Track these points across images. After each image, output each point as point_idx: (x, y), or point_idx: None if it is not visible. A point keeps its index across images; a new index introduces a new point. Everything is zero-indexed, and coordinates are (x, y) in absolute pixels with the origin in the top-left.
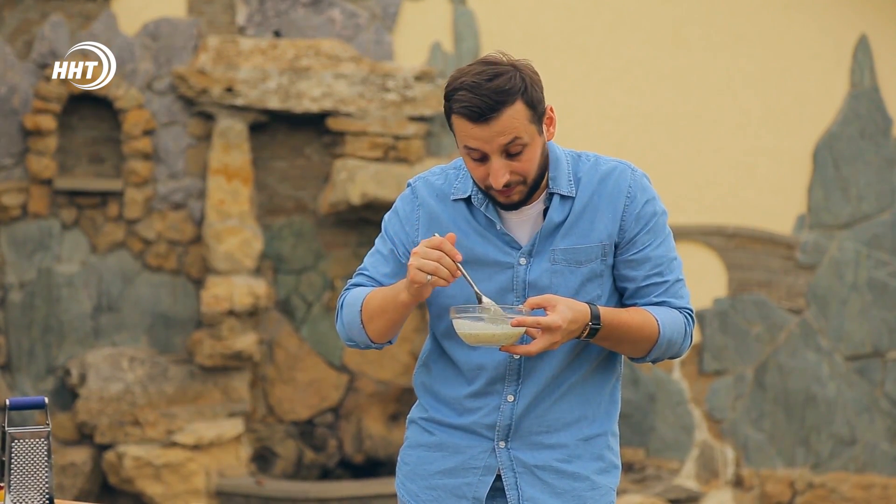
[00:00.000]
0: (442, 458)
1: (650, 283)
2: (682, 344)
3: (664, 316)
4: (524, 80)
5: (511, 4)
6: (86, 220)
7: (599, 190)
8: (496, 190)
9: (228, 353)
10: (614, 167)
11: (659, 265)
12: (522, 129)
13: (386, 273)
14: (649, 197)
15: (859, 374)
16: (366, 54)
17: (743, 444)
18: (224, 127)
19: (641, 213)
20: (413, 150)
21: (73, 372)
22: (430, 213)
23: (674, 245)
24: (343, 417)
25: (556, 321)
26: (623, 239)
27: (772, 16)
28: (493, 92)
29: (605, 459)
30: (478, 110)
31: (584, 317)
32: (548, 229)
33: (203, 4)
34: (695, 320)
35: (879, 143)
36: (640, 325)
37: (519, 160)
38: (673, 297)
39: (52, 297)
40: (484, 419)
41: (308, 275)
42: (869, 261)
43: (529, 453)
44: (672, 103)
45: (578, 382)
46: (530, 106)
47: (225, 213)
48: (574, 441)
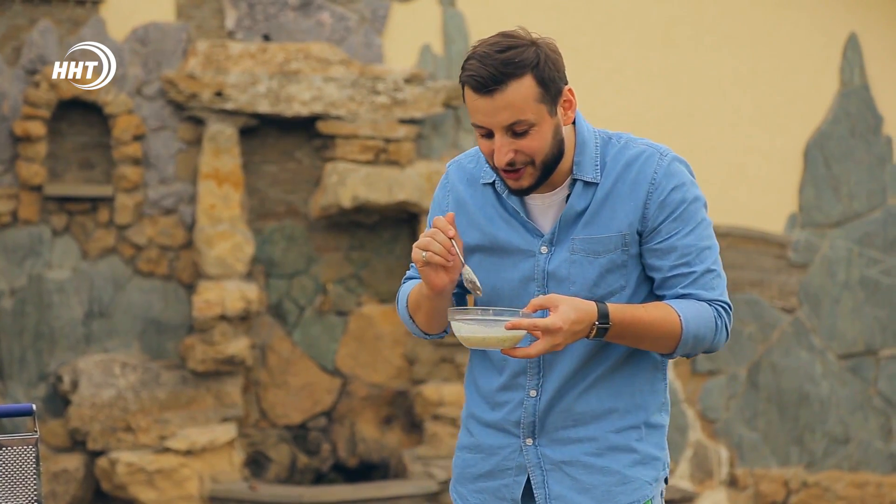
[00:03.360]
0: (481, 460)
1: (676, 274)
2: (714, 339)
3: (689, 310)
4: (538, 55)
5: (501, 6)
6: (76, 226)
7: (623, 176)
8: (503, 172)
9: (220, 358)
10: (641, 152)
11: (686, 255)
12: (528, 107)
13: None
14: (677, 183)
15: (852, 372)
16: (355, 57)
17: (737, 443)
18: (214, 131)
19: (667, 201)
20: (404, 153)
21: (65, 378)
22: (458, 197)
23: (709, 234)
24: (336, 421)
25: (555, 323)
26: (647, 227)
27: (762, 15)
28: (501, 63)
29: (638, 451)
30: (482, 80)
31: (589, 316)
32: (568, 217)
33: (192, 9)
34: (730, 312)
35: (870, 142)
36: (658, 321)
37: (525, 139)
38: (701, 288)
39: (44, 303)
40: (510, 415)
41: (300, 279)
42: (861, 259)
43: (557, 449)
44: (663, 103)
45: (606, 374)
46: (541, 83)
47: (216, 218)
48: (604, 433)
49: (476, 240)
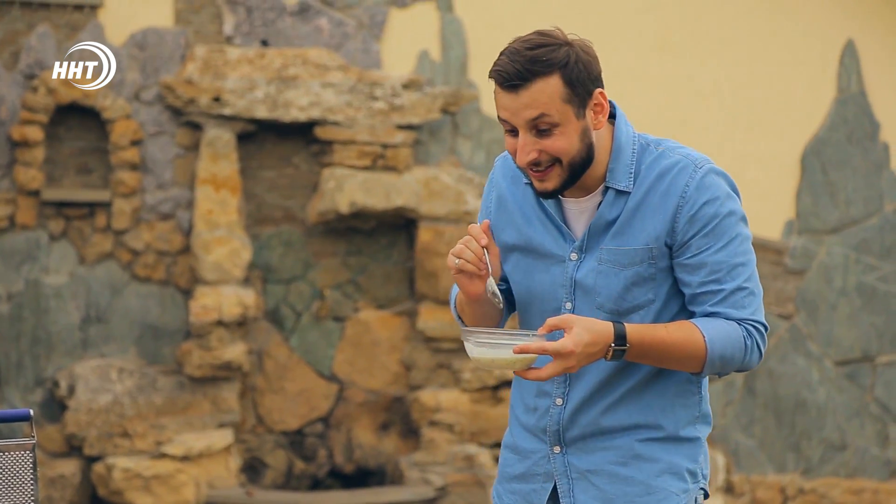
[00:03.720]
0: (517, 461)
1: (706, 291)
2: (744, 359)
3: (714, 331)
4: (569, 55)
5: (499, 12)
6: (73, 232)
7: (655, 186)
8: (530, 171)
9: (217, 364)
10: (676, 163)
11: (716, 271)
12: (553, 106)
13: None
14: (710, 197)
15: (849, 379)
16: (353, 63)
17: (734, 450)
18: (212, 137)
19: (698, 215)
20: (401, 159)
21: (62, 384)
22: (500, 194)
23: (743, 250)
24: (333, 427)
25: (566, 346)
26: (677, 241)
27: (758, 21)
28: (529, 60)
29: (665, 461)
30: (507, 76)
31: (605, 338)
32: (598, 226)
33: (190, 14)
34: (763, 331)
35: (867, 148)
36: (681, 342)
37: (549, 138)
38: (731, 307)
39: (41, 308)
40: (539, 422)
41: (297, 284)
42: (857, 265)
43: (584, 458)
44: (659, 110)
45: (636, 388)
46: (568, 84)
47: (213, 223)
48: (630, 443)
49: (514, 239)
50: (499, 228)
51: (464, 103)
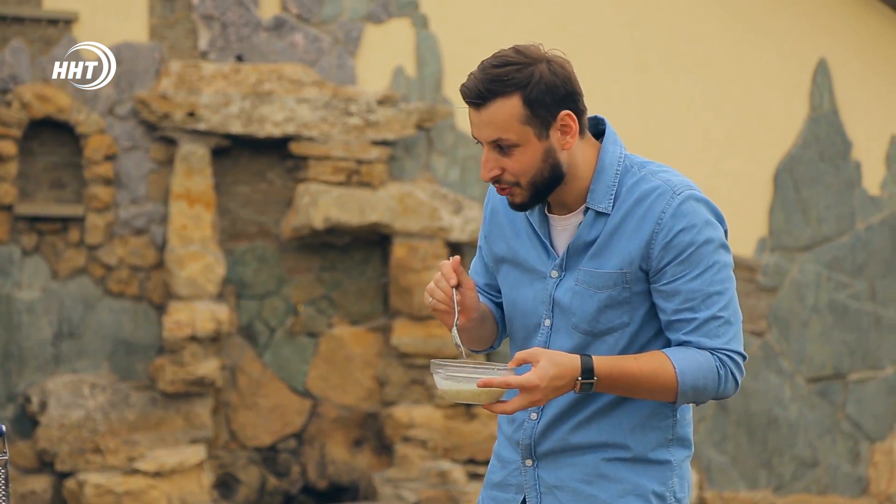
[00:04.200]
0: (498, 468)
1: (680, 319)
2: (718, 389)
3: (686, 361)
4: (532, 76)
5: (474, 28)
6: (46, 246)
7: (633, 210)
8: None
9: (190, 379)
10: (655, 188)
11: (691, 300)
12: (511, 127)
13: (478, 272)
14: (686, 225)
15: (821, 396)
16: (328, 78)
17: (706, 466)
18: (186, 152)
19: (673, 243)
20: (376, 174)
21: (34, 399)
22: (494, 208)
23: (721, 279)
24: (306, 443)
25: (530, 381)
26: (652, 267)
27: (732, 39)
28: (490, 79)
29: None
30: (469, 93)
31: (571, 371)
32: (577, 246)
33: (165, 29)
34: (739, 360)
35: (839, 166)
36: (650, 374)
37: (509, 158)
38: (704, 336)
39: (13, 323)
40: (515, 434)
41: (271, 300)
42: (829, 283)
43: (553, 472)
44: (633, 127)
45: (608, 407)
46: (528, 105)
47: (187, 239)
48: (597, 461)
49: (503, 251)
50: (490, 240)
51: (439, 119)
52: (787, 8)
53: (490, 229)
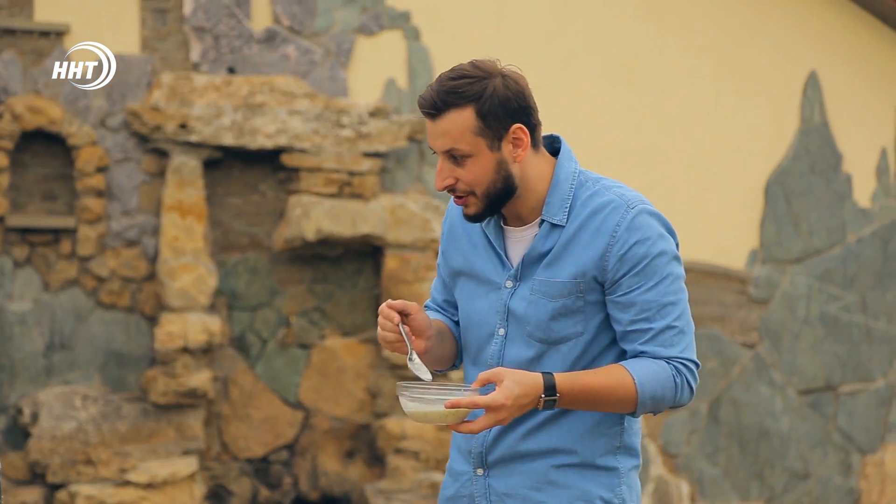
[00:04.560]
0: (450, 483)
1: (635, 329)
2: (675, 397)
3: (644, 372)
4: (486, 89)
5: (465, 41)
6: (38, 258)
7: (588, 223)
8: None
9: (182, 391)
10: (608, 202)
11: (646, 310)
12: (464, 138)
13: (438, 289)
14: (641, 237)
15: (812, 408)
16: (320, 90)
17: (698, 478)
18: (178, 163)
19: (628, 255)
20: (368, 186)
21: (25, 411)
22: (452, 223)
23: (674, 289)
24: (298, 454)
25: (497, 400)
26: (608, 279)
27: (723, 52)
28: (445, 91)
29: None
30: (424, 103)
31: (535, 390)
32: (531, 256)
33: (157, 41)
34: (693, 368)
35: (830, 179)
36: (611, 386)
37: (462, 168)
38: (660, 345)
39: (4, 335)
40: (466, 444)
41: (263, 311)
42: (821, 295)
43: (503, 480)
44: (624, 139)
45: (557, 414)
46: (481, 116)
47: (179, 250)
48: (545, 468)
49: (460, 265)
50: (448, 255)
51: None
52: (778, 21)
53: (448, 245)
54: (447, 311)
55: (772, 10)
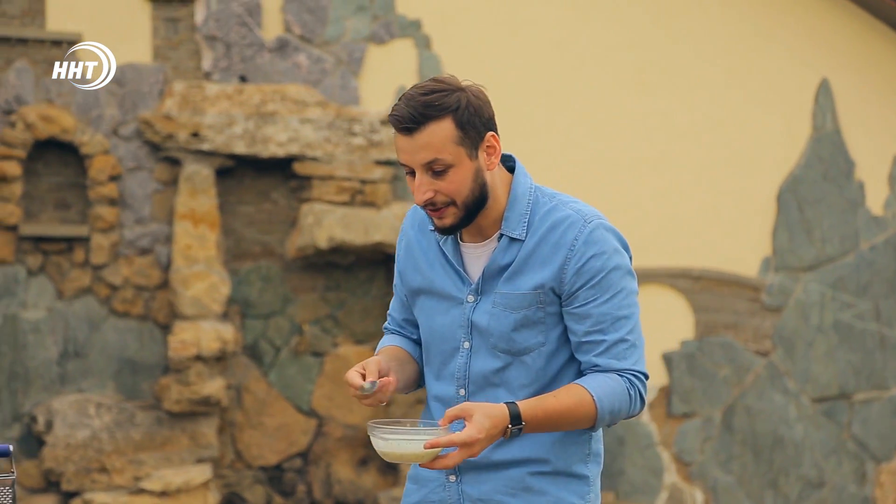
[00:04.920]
0: (414, 490)
1: (590, 341)
2: (630, 409)
3: (601, 388)
4: (461, 100)
5: (476, 49)
6: (52, 266)
7: (547, 238)
8: (428, 210)
9: (196, 399)
10: (566, 217)
11: (601, 323)
12: (446, 148)
13: (396, 308)
14: (597, 251)
15: (826, 416)
16: (332, 99)
17: (712, 486)
18: (190, 172)
19: (585, 268)
20: (380, 194)
21: (40, 419)
22: (409, 243)
23: (627, 303)
24: (312, 462)
25: (472, 436)
26: (565, 291)
27: (735, 60)
28: (422, 105)
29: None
30: (402, 119)
31: (502, 421)
32: (492, 270)
33: (169, 50)
34: (644, 380)
35: (842, 186)
36: (573, 406)
37: (444, 180)
38: (613, 358)
39: (18, 343)
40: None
41: (276, 319)
42: (834, 303)
43: (477, 486)
44: (636, 147)
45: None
46: (460, 126)
47: (192, 258)
48: (521, 475)
49: (419, 283)
50: (406, 274)
51: None
52: (790, 28)
53: (405, 265)
54: (405, 330)
55: (784, 18)
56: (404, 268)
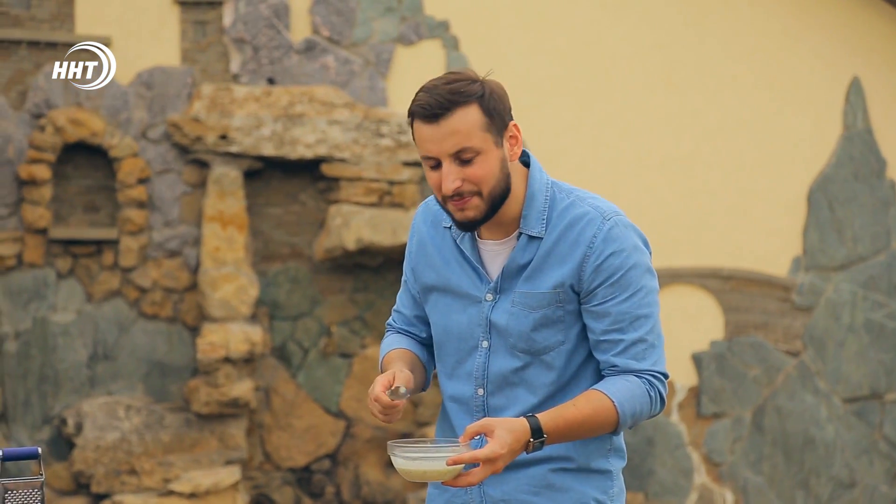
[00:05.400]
0: (437, 495)
1: (608, 340)
2: (651, 411)
3: (620, 392)
4: (484, 88)
5: (504, 49)
6: (81, 269)
7: (565, 235)
8: (451, 202)
9: (225, 401)
10: (584, 214)
11: (620, 321)
12: (475, 134)
13: (406, 304)
14: (617, 249)
15: (857, 416)
16: (360, 100)
17: (742, 487)
18: (219, 174)
19: (604, 266)
20: (408, 195)
21: (69, 421)
22: (421, 239)
23: (648, 302)
24: (340, 464)
25: (495, 451)
26: (584, 289)
27: (765, 58)
28: (448, 92)
29: (576, 491)
30: (429, 108)
31: (524, 435)
32: (511, 269)
33: (197, 53)
34: (664, 381)
35: (873, 185)
36: (593, 414)
37: (471, 167)
38: (632, 358)
39: (48, 346)
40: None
41: (304, 321)
42: (865, 302)
43: (499, 486)
44: (666, 146)
45: None
46: (486, 113)
47: (220, 260)
48: (542, 472)
49: (433, 280)
50: (418, 271)
51: None
52: (820, 27)
53: (418, 261)
54: (415, 327)
55: (814, 16)
56: (417, 264)
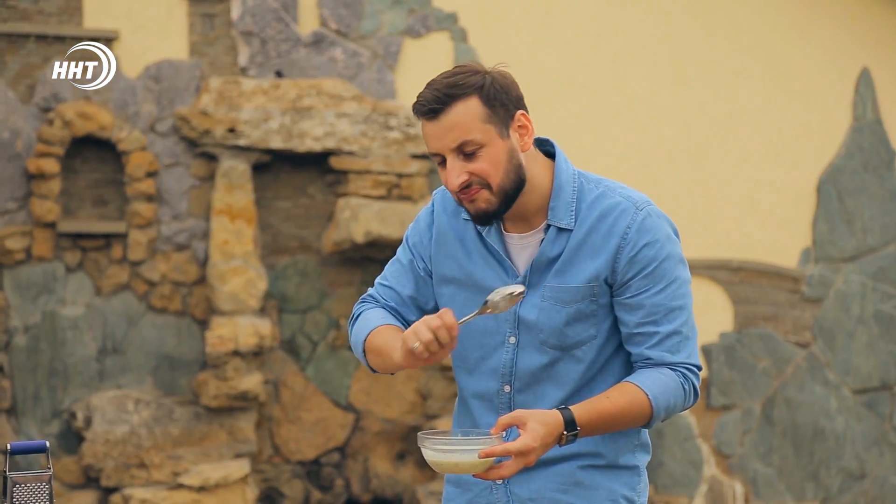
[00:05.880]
0: (458, 494)
1: (642, 332)
2: (685, 404)
3: (655, 385)
4: (485, 79)
5: (512, 41)
6: (90, 263)
7: (597, 226)
8: (460, 197)
9: (234, 394)
10: (617, 204)
11: (654, 314)
12: (475, 127)
13: (404, 283)
14: (650, 239)
15: (867, 407)
16: (368, 93)
17: (752, 478)
18: (227, 167)
19: (637, 257)
20: (416, 188)
21: (79, 415)
22: (441, 231)
23: (682, 293)
24: (350, 457)
25: (528, 445)
26: (617, 281)
27: (774, 50)
28: (445, 86)
29: (605, 488)
30: (427, 104)
31: (557, 428)
32: (540, 263)
33: (205, 46)
34: (697, 373)
35: (883, 176)
36: (627, 407)
37: (476, 161)
38: (666, 350)
39: (57, 340)
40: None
41: (313, 314)
42: (875, 294)
43: (526, 485)
44: (675, 138)
45: None
46: (488, 104)
47: (229, 254)
48: (571, 469)
49: (453, 272)
50: (436, 261)
51: None
52: (829, 18)
53: (437, 250)
54: (406, 308)
55: (823, 7)
56: (436, 254)
